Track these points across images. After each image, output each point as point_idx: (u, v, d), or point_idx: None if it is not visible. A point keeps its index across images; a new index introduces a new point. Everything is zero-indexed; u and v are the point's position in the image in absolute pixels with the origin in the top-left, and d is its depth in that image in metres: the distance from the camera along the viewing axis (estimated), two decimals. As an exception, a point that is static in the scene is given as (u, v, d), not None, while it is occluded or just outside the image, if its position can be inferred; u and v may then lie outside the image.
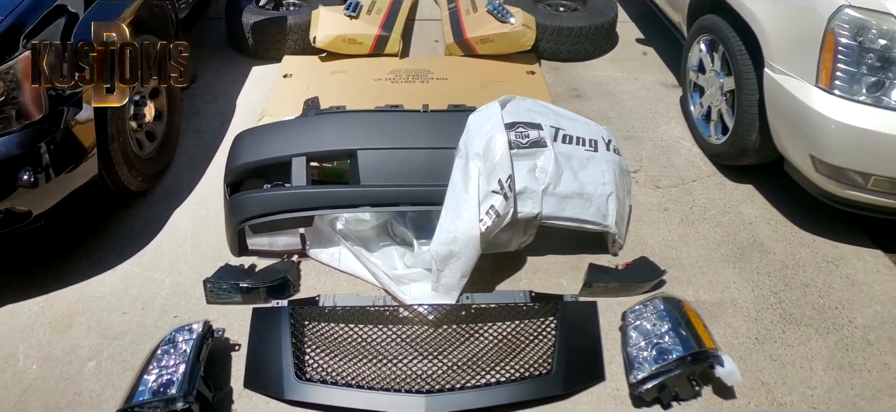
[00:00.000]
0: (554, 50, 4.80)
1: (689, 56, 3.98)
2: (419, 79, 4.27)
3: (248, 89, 4.45)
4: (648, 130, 4.04)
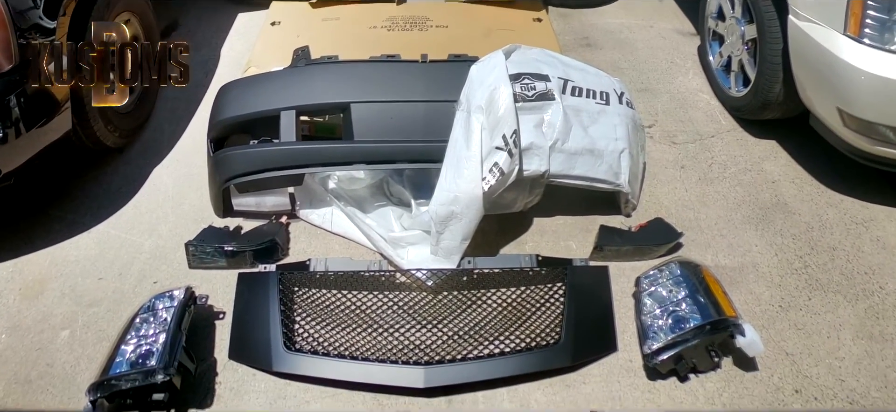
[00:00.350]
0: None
1: (708, 2, 3.90)
2: (417, 27, 4.19)
3: (232, 38, 4.38)
4: (664, 82, 3.97)
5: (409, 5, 4.60)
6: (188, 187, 3.17)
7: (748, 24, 3.48)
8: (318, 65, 3.24)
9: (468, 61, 3.00)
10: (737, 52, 3.61)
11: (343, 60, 3.29)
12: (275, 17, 4.37)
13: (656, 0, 4.89)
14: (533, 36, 4.14)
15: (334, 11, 4.41)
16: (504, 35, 4.01)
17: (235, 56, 4.16)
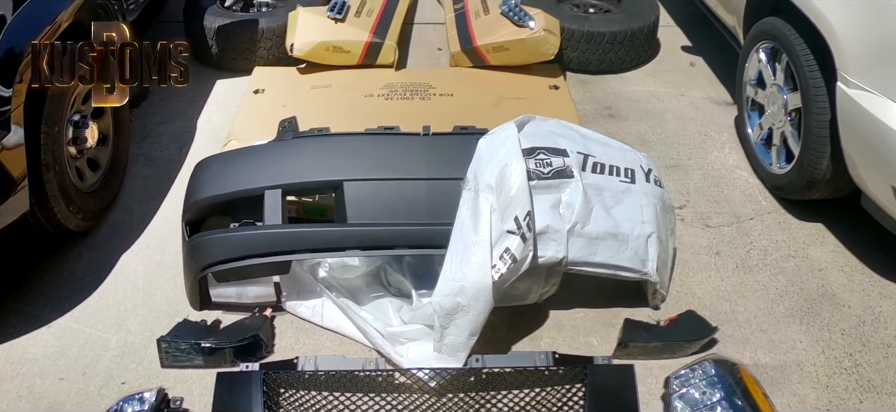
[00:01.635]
0: (582, 60, 4.90)
1: (746, 67, 4.04)
2: (419, 95, 4.35)
3: (211, 107, 4.54)
4: (696, 158, 4.10)
5: (410, 71, 4.78)
6: (160, 276, 3.27)
7: (791, 92, 3.61)
8: (306, 138, 3.32)
9: (476, 134, 3.09)
10: (779, 124, 3.73)
11: (335, 133, 3.38)
12: (258, 84, 4.54)
13: (687, 65, 5.08)
14: (549, 105, 4.28)
15: (325, 78, 4.58)
16: (516, 104, 4.16)
17: (214, 128, 4.31)
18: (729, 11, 4.41)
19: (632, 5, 5.13)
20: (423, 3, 5.87)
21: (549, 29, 4.64)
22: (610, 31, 4.84)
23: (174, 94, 4.61)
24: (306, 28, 4.64)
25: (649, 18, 4.99)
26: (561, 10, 5.02)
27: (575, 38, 4.84)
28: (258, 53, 4.83)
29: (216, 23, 4.82)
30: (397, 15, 5.12)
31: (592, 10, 5.28)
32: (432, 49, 5.26)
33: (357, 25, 4.75)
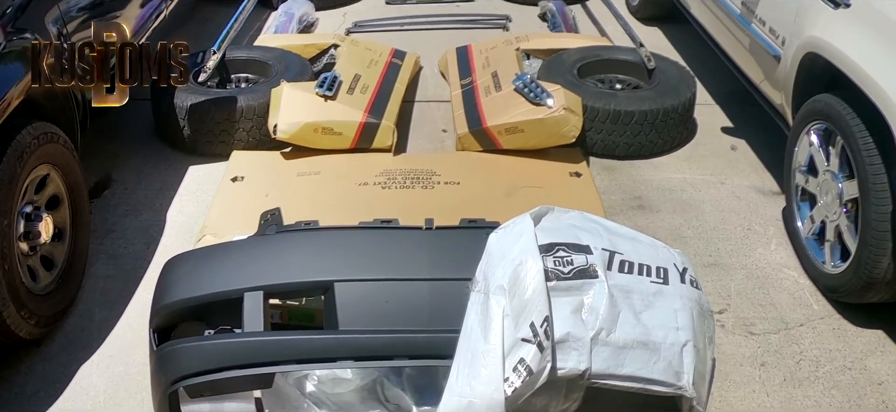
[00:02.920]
0: (608, 143, 5.01)
1: (796, 151, 4.13)
2: (420, 183, 4.44)
3: (182, 198, 4.65)
4: (738, 255, 4.18)
5: (410, 156, 4.89)
6: (124, 391, 3.31)
7: (847, 179, 3.69)
8: (292, 233, 3.37)
9: (486, 228, 3.13)
10: (833, 217, 3.80)
11: (325, 227, 3.43)
12: (237, 170, 4.62)
13: (728, 149, 5.20)
14: (570, 195, 4.38)
15: (313, 163, 4.66)
16: (532, 194, 4.26)
17: (186, 221, 4.41)
18: (775, 87, 4.50)
19: (664, 81, 5.25)
20: (426, 78, 6.03)
21: (570, 107, 4.74)
22: (639, 109, 4.95)
23: (141, 182, 4.73)
24: (292, 107, 4.75)
25: (685, 95, 5.11)
26: (583, 86, 5.14)
27: (599, 117, 4.95)
28: (236, 135, 4.94)
29: (188, 101, 4.94)
30: (396, 92, 5.26)
31: (619, 85, 5.43)
32: (436, 130, 5.40)
33: (350, 104, 4.88)
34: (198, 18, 7.05)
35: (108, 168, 4.87)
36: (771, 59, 4.48)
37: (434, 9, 7.60)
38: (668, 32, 7.02)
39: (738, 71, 5.13)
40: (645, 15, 7.29)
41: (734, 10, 4.96)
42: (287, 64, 5.44)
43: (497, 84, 5.20)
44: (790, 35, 4.25)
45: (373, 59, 5.67)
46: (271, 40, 6.17)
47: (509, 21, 7.27)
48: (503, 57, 5.65)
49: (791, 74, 4.24)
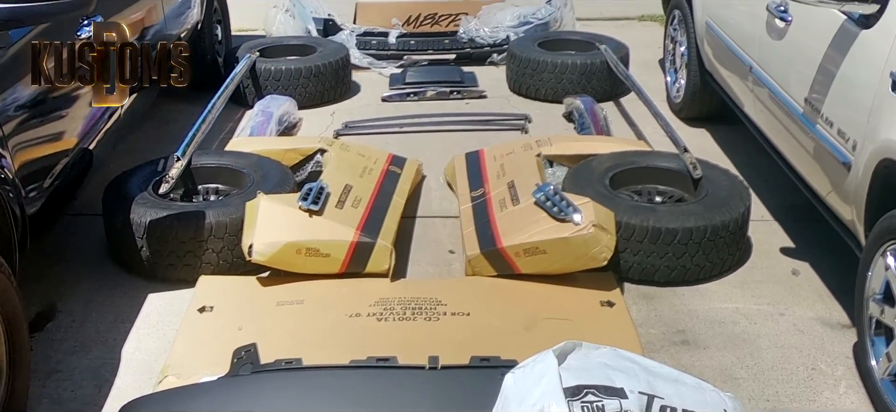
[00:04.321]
0: (646, 266, 5.04)
1: (869, 277, 4.15)
2: (423, 314, 4.48)
3: (140, 331, 4.67)
4: (801, 399, 4.19)
5: (411, 282, 4.93)
6: None
7: None
8: (270, 373, 3.46)
9: (501, 368, 3.22)
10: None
11: (309, 366, 3.51)
12: (205, 299, 4.66)
13: (789, 273, 5.25)
14: (601, 328, 4.40)
15: (295, 290, 4.71)
16: (556, 327, 4.29)
17: (144, 359, 4.43)
18: (845, 201, 4.55)
19: (713, 192, 5.30)
20: (430, 189, 6.12)
21: (601, 224, 4.78)
22: (683, 227, 4.99)
23: (90, 313, 4.78)
24: (270, 223, 4.82)
25: (737, 210, 5.16)
26: (617, 198, 5.20)
27: (636, 236, 5.00)
28: (205, 257, 5.00)
29: (147, 216, 4.99)
30: (394, 206, 5.35)
31: (660, 198, 5.52)
32: (442, 251, 5.47)
33: (339, 220, 4.95)
34: (159, 119, 7.19)
35: (53, 296, 4.92)
36: (839, 167, 4.54)
37: (439, 106, 7.73)
38: (717, 135, 7.13)
39: (801, 181, 5.20)
40: (690, 114, 7.43)
41: (796, 109, 5.03)
42: (264, 172, 5.52)
43: (514, 196, 5.28)
44: (863, 138, 4.32)
45: (366, 167, 5.77)
46: (246, 144, 6.24)
47: (529, 121, 7.40)
48: (521, 164, 5.74)
49: (863, 185, 4.29)
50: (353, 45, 8.81)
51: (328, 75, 7.88)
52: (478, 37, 8.96)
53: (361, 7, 9.46)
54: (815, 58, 4.81)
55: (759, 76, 5.64)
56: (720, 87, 6.68)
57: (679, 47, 7.59)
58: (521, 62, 8.05)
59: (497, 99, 7.98)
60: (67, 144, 4.88)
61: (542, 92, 7.91)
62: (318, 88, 7.83)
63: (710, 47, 6.76)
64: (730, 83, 6.37)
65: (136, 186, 5.31)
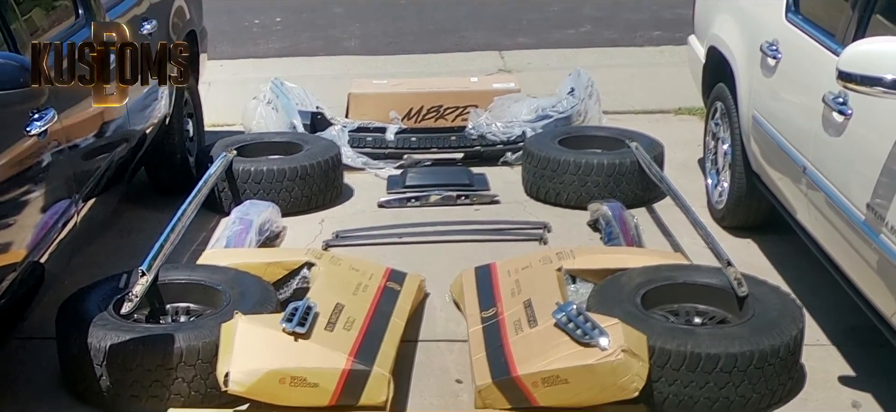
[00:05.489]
0: (684, 397, 5.06)
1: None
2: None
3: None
4: None
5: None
6: None
7: None
8: None
9: None
10: None
11: None
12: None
13: (849, 405, 5.25)
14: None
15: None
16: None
17: None
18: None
19: (761, 313, 5.31)
20: (434, 309, 6.17)
21: (632, 350, 4.81)
22: (727, 352, 5.00)
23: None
24: (250, 348, 4.85)
25: (789, 333, 5.17)
26: (650, 319, 5.24)
27: (672, 363, 5.02)
28: (173, 387, 5.02)
29: (107, 340, 5.02)
30: (392, 328, 5.39)
31: (699, 319, 5.56)
32: (448, 381, 5.51)
33: (330, 344, 4.99)
34: (120, 228, 7.28)
35: (-3, 437, 4.97)
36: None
37: (445, 214, 7.80)
38: (765, 246, 7.19)
39: (863, 299, 5.23)
40: (734, 222, 7.50)
41: (857, 217, 5.06)
42: (243, 289, 5.57)
43: (531, 317, 5.31)
44: (933, 251, 4.40)
45: (361, 284, 5.82)
46: (222, 257, 6.30)
47: (548, 231, 7.46)
48: (540, 280, 5.80)
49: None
50: (345, 143, 8.85)
51: (316, 177, 7.96)
52: (489, 133, 9.03)
53: (355, 98, 9.53)
54: (880, 157, 4.85)
55: (813, 178, 5.70)
56: (769, 190, 6.74)
57: (722, 145, 7.67)
58: (540, 162, 8.11)
59: (511, 205, 8.06)
60: (15, 257, 4.92)
61: (564, 197, 7.98)
62: (305, 193, 7.90)
63: (757, 145, 6.83)
64: (780, 186, 6.44)
65: (94, 306, 5.35)
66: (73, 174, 5.72)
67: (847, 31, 5.48)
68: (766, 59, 6.64)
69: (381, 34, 13.56)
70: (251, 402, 4.88)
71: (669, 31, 12.38)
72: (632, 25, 13.63)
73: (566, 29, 13.59)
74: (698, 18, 8.40)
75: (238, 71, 11.55)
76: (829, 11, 5.99)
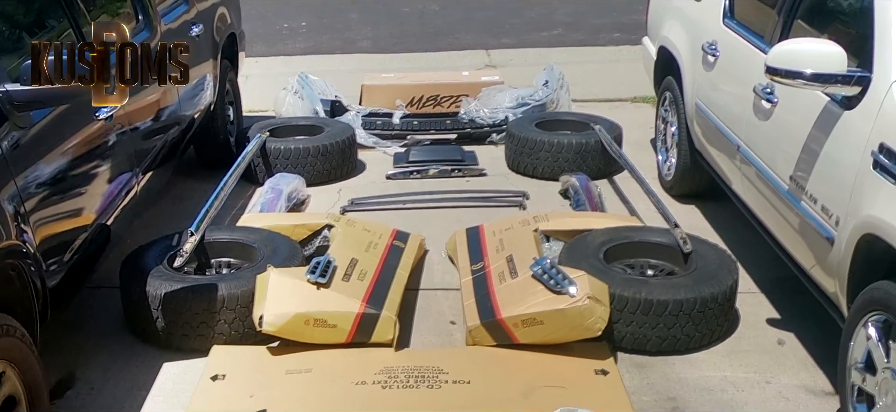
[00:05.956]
0: (638, 336, 5.09)
1: (851, 346, 4.19)
2: (426, 382, 4.53)
3: (155, 399, 4.71)
4: (788, 466, 4.21)
5: (414, 352, 4.96)
6: None
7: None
8: None
9: None
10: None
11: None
12: (217, 367, 4.69)
13: (775, 343, 5.28)
14: (595, 396, 4.44)
15: (304, 359, 4.74)
16: (553, 395, 4.33)
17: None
18: (828, 274, 4.59)
19: (702, 266, 5.36)
20: (432, 263, 6.17)
21: (596, 296, 4.84)
22: (674, 299, 5.04)
23: (108, 381, 4.80)
24: (280, 296, 4.87)
25: (725, 283, 5.21)
26: (610, 272, 5.26)
27: (629, 307, 5.05)
28: (217, 328, 5.04)
29: (162, 289, 5.05)
30: (398, 279, 5.40)
31: (651, 271, 5.56)
32: (443, 322, 5.50)
33: (346, 292, 5.00)
34: (173, 196, 7.25)
35: (72, 365, 4.95)
36: (823, 242, 4.59)
37: (441, 184, 7.77)
38: (706, 211, 7.18)
39: (786, 255, 5.25)
40: (681, 191, 7.48)
41: (781, 186, 5.08)
42: (274, 247, 5.57)
43: (512, 270, 5.33)
44: (845, 214, 4.37)
45: (372, 242, 5.82)
46: (256, 220, 6.31)
47: (526, 198, 7.45)
48: (519, 239, 5.80)
49: (846, 259, 4.34)
50: (358, 126, 8.83)
51: (335, 154, 7.93)
52: (478, 117, 9.01)
53: (367, 89, 9.50)
54: (800, 137, 4.89)
55: (746, 155, 5.71)
56: (709, 165, 6.74)
57: (670, 127, 7.65)
58: (519, 142, 8.09)
59: (496, 177, 8.03)
60: (86, 220, 4.94)
61: (540, 170, 7.96)
62: (326, 167, 7.88)
63: (699, 127, 6.83)
64: (718, 162, 6.43)
65: (151, 260, 5.36)
66: (134, 151, 5.71)
67: (774, 34, 5.48)
68: (706, 56, 6.63)
69: (389, 36, 13.49)
70: (281, 340, 4.88)
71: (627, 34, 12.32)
72: (596, 29, 13.58)
73: (541, 32, 13.54)
74: (650, 23, 8.36)
75: (270, 66, 11.49)
76: (758, 17, 5.97)
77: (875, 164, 4.14)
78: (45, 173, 4.50)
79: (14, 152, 4.20)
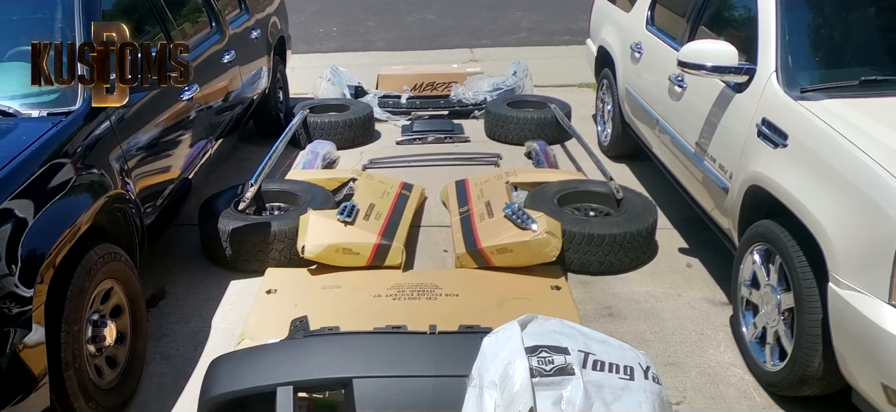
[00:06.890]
0: (583, 261, 5.09)
1: (741, 269, 4.22)
2: (425, 295, 4.53)
3: (225, 307, 4.72)
4: (693, 355, 4.24)
5: (417, 273, 4.97)
6: (174, 472, 3.33)
7: (785, 292, 3.77)
8: (317, 336, 3.46)
9: (481, 333, 3.24)
10: (772, 323, 3.88)
11: (344, 332, 3.53)
12: (270, 284, 4.71)
13: (685, 266, 5.28)
14: (551, 305, 4.44)
15: (335, 279, 4.75)
16: (520, 304, 4.32)
17: (228, 327, 4.48)
18: (724, 214, 4.62)
19: (630, 209, 5.37)
20: (430, 207, 6.15)
21: (551, 231, 4.86)
22: (609, 233, 5.05)
23: (190, 294, 4.82)
24: (317, 231, 4.87)
25: (647, 221, 5.23)
26: (562, 213, 5.26)
27: (576, 240, 5.05)
28: (270, 255, 5.03)
29: (230, 226, 5.05)
30: (404, 218, 5.38)
31: (593, 213, 5.55)
32: (438, 251, 5.49)
33: (366, 228, 4.99)
34: (238, 157, 7.21)
35: (162, 282, 4.97)
36: (720, 191, 4.61)
37: (437, 149, 7.72)
38: (634, 168, 7.15)
39: (693, 200, 5.25)
40: (615, 154, 7.44)
41: (689, 149, 5.09)
42: (313, 195, 5.55)
43: (490, 211, 5.31)
44: (736, 170, 4.38)
45: (385, 191, 5.80)
46: (300, 175, 6.30)
47: (500, 158, 7.41)
48: (495, 189, 5.78)
49: (737, 204, 4.36)
50: (375, 105, 8.76)
51: (358, 126, 7.87)
52: (464, 98, 8.94)
53: (382, 78, 9.42)
54: (703, 114, 4.88)
55: (663, 127, 5.69)
56: (636, 134, 6.71)
57: (607, 106, 7.61)
58: (495, 117, 8.03)
59: (478, 143, 7.98)
60: (173, 174, 4.93)
61: (510, 138, 7.89)
62: (351, 135, 7.82)
63: (628, 106, 6.79)
64: (643, 131, 6.40)
65: (222, 204, 5.35)
66: (209, 124, 5.67)
67: (683, 36, 5.45)
68: (633, 54, 6.59)
69: (398, 38, 13.38)
70: (318, 264, 4.86)
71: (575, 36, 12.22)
72: (551, 32, 13.49)
73: (511, 35, 13.45)
74: (592, 29, 8.29)
75: (310, 60, 11.37)
76: (672, 24, 5.94)
77: (758, 133, 4.15)
78: (142, 140, 4.49)
79: (119, 124, 4.19)
